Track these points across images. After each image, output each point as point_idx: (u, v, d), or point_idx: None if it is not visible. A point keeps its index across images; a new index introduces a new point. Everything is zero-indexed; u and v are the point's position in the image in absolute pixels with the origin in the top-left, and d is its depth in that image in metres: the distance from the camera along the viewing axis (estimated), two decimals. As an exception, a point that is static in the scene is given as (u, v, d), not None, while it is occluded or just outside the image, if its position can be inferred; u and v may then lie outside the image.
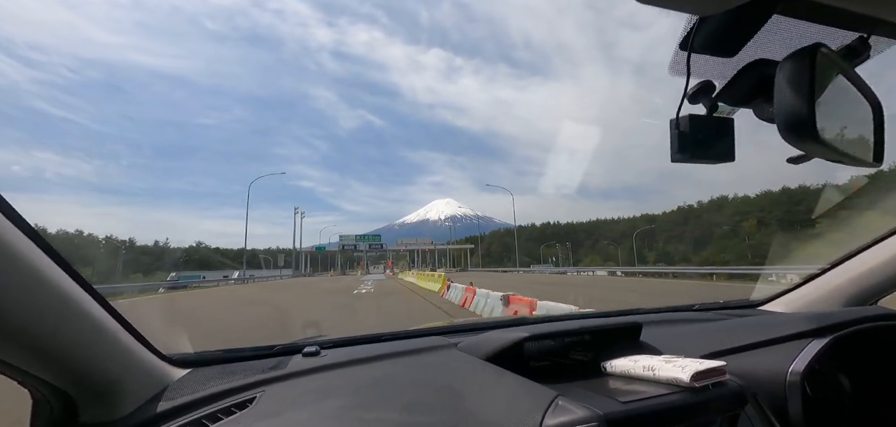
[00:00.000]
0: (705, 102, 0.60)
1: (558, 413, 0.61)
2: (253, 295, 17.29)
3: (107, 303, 0.67)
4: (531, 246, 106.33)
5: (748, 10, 0.41)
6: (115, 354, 0.68)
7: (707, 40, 0.54)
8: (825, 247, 4.79)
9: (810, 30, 0.54)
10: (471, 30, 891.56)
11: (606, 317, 1.34)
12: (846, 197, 1.82)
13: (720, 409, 0.68)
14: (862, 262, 1.14)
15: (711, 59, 0.57)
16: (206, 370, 0.87)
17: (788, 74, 0.47)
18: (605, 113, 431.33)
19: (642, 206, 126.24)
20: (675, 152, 0.59)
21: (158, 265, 63.12)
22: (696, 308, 1.49)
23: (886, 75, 0.64)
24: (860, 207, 1.72)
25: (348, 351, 0.99)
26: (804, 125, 0.46)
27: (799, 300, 1.29)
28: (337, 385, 0.82)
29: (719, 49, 0.55)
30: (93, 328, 0.63)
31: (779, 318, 1.13)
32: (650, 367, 0.73)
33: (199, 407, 0.74)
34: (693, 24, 0.53)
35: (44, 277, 0.58)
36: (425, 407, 0.71)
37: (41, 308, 0.58)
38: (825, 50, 0.48)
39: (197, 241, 66.90)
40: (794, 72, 0.47)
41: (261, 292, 19.29)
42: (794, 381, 0.80)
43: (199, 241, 73.73)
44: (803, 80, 0.46)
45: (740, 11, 0.41)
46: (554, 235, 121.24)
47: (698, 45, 0.54)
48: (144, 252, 78.72)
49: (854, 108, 0.58)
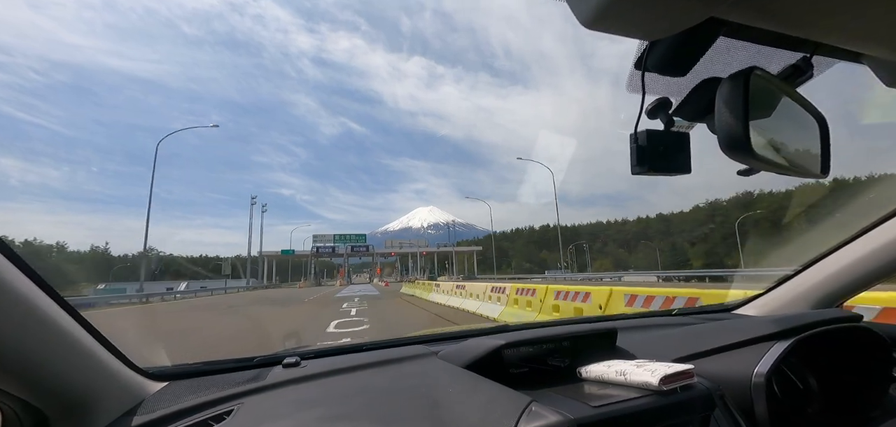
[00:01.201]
0: (662, 118, 0.65)
1: (532, 418, 0.63)
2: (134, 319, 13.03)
3: (78, 314, 0.69)
4: (531, 250, 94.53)
5: (694, 33, 0.45)
6: (88, 368, 0.70)
7: (658, 61, 0.58)
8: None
9: (754, 50, 0.59)
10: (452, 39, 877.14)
11: (585, 323, 1.42)
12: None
13: (688, 412, 0.73)
14: (829, 266, 1.24)
15: (665, 78, 0.61)
16: (184, 383, 0.90)
17: (725, 96, 0.52)
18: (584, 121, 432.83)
19: (621, 212, 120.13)
20: (634, 165, 0.63)
21: (94, 276, 56.01)
22: (675, 313, 1.57)
23: (830, 91, 0.73)
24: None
25: (329, 361, 1.02)
26: (740, 142, 0.51)
27: (770, 303, 1.39)
28: (316, 396, 0.85)
29: (670, 69, 0.59)
30: (63, 341, 0.64)
31: (748, 321, 1.20)
32: (622, 371, 0.78)
33: (174, 420, 0.76)
34: (645, 47, 0.57)
35: (9, 288, 0.56)
36: (403, 416, 0.75)
37: (7, 320, 0.55)
38: (759, 72, 0.53)
39: (148, 247, 53.22)
40: (730, 93, 0.52)
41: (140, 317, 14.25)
42: (758, 382, 0.86)
43: (152, 247, 58.27)
44: (738, 100, 0.51)
45: (687, 34, 0.45)
46: (555, 239, 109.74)
47: (651, 65, 0.58)
48: (73, 259, 62.29)
49: (798, 124, 0.64)
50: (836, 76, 0.66)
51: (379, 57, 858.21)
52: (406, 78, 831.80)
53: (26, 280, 0.58)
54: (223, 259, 49.28)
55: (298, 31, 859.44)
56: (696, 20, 0.40)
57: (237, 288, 43.36)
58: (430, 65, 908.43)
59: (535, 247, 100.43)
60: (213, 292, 34.53)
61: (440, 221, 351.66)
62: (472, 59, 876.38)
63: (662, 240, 74.16)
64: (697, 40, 0.54)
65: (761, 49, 0.58)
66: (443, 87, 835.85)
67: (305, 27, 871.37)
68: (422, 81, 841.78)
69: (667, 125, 0.66)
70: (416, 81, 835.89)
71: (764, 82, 0.55)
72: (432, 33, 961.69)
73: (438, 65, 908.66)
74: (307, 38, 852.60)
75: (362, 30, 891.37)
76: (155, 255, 54.48)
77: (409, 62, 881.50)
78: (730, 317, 1.43)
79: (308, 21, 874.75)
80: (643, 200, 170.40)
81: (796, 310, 1.30)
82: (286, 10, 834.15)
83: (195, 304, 20.98)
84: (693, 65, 0.58)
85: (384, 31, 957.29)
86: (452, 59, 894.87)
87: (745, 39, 0.56)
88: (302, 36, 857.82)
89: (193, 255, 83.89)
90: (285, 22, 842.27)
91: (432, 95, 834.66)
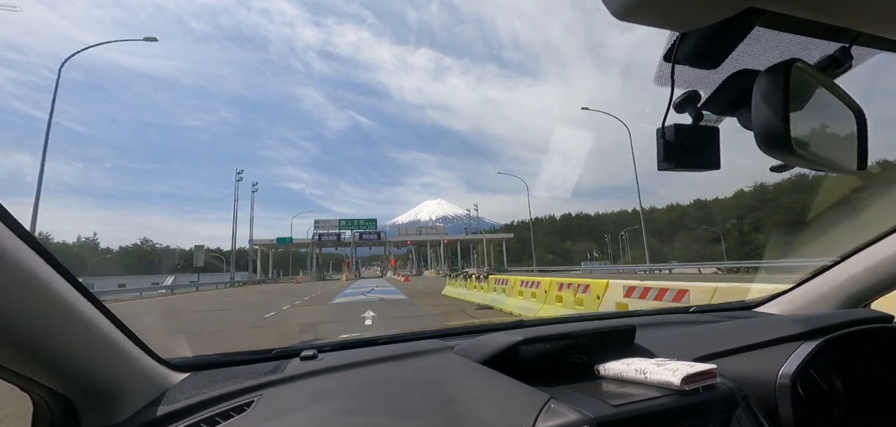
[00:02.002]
0: (691, 112, 0.65)
1: (550, 416, 0.64)
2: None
3: (104, 307, 0.73)
4: (553, 240, 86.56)
5: (729, 24, 0.43)
6: (114, 358, 0.74)
7: (690, 53, 0.56)
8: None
9: (792, 41, 0.58)
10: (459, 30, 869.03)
11: (602, 319, 1.43)
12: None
13: (710, 412, 0.73)
14: (857, 264, 1.22)
15: (695, 71, 0.60)
16: (205, 374, 0.94)
17: (763, 90, 0.51)
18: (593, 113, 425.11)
19: (621, 206, 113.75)
20: (661, 161, 0.62)
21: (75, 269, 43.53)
22: (693, 310, 1.56)
23: (868, 83, 0.70)
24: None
25: (345, 354, 1.06)
26: (779, 138, 0.50)
27: (794, 302, 1.37)
28: (333, 388, 0.89)
29: (702, 61, 0.58)
30: (90, 332, 0.68)
31: (772, 320, 1.19)
32: (642, 370, 0.78)
33: (197, 411, 0.80)
34: (676, 39, 0.56)
35: (40, 281, 0.59)
36: (419, 410, 0.78)
37: (38, 312, 0.59)
38: (800, 64, 0.52)
39: (142, 239, 46.39)
40: (768, 87, 0.50)
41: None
42: (784, 383, 0.86)
43: (146, 238, 51.38)
44: (777, 94, 0.49)
45: (721, 25, 0.43)
46: (579, 229, 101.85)
47: (681, 57, 0.57)
48: (58, 250, 55.55)
49: (835, 117, 0.63)
50: (875, 66, 0.63)
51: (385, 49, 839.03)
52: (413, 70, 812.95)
53: (52, 271, 0.61)
54: (197, 248, 41.71)
55: (304, 25, 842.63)
56: (734, 10, 0.39)
57: (215, 284, 38.29)
58: (436, 57, 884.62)
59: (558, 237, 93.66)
60: (173, 291, 29.04)
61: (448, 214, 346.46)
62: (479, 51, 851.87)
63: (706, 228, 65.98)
64: (732, 31, 0.52)
65: (796, 38, 0.56)
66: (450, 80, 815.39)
67: (311, 20, 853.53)
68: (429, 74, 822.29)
69: (695, 119, 0.64)
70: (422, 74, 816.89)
71: (803, 75, 0.53)
72: (439, 25, 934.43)
73: (445, 57, 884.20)
74: (313, 31, 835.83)
75: (368, 22, 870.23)
76: (150, 248, 48.19)
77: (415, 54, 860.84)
78: (752, 315, 1.41)
79: (314, 14, 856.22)
80: (654, 193, 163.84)
81: (823, 309, 1.28)
82: (292, 4, 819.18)
83: (118, 308, 14.79)
84: (726, 56, 0.56)
85: (390, 23, 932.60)
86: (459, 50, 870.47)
87: (782, 29, 0.54)
88: (308, 29, 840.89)
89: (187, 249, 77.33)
90: (291, 15, 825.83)
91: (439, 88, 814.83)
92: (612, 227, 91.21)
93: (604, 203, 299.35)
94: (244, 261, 47.11)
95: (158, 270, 50.50)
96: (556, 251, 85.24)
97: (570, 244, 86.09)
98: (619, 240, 75.41)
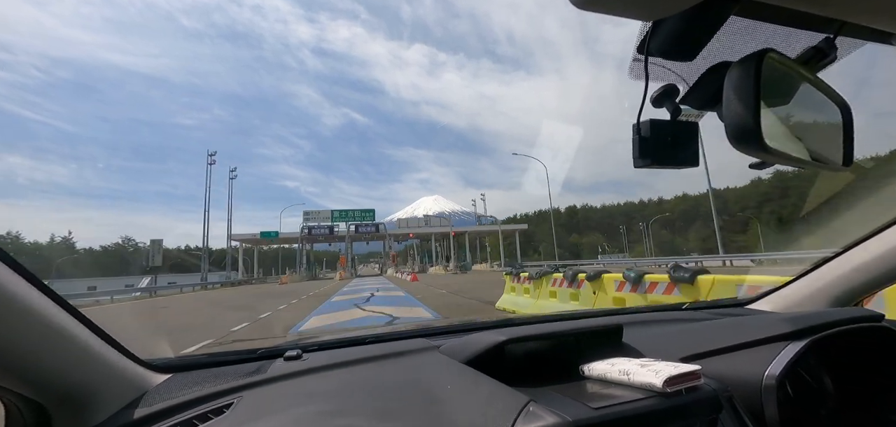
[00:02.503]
0: (668, 106, 0.62)
1: (529, 419, 0.64)
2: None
3: (73, 308, 0.73)
4: (560, 233, 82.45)
5: (702, 11, 0.41)
6: (86, 361, 0.74)
7: (663, 44, 0.54)
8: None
9: (771, 31, 0.56)
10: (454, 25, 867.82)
11: (592, 317, 1.43)
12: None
13: (693, 415, 0.73)
14: (848, 261, 1.22)
15: (672, 63, 0.58)
16: (187, 375, 0.94)
17: (735, 82, 0.48)
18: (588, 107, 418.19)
19: (627, 198, 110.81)
20: (636, 157, 0.60)
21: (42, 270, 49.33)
22: (686, 307, 1.56)
23: (855, 76, 0.73)
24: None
25: (331, 354, 1.06)
26: (749, 133, 0.47)
27: (787, 299, 1.37)
28: (315, 389, 0.90)
29: (677, 53, 0.55)
30: (58, 335, 0.68)
31: (761, 319, 1.20)
32: (626, 371, 0.78)
33: (175, 413, 0.80)
34: (648, 29, 0.54)
35: (2, 286, 0.59)
36: (401, 411, 0.79)
37: (1, 317, 0.59)
38: (774, 55, 0.49)
39: (124, 237, 40.79)
40: (739, 79, 0.48)
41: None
42: (769, 384, 0.86)
43: (128, 236, 45.50)
44: (749, 87, 0.47)
45: (694, 13, 0.41)
46: (586, 222, 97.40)
47: (655, 49, 0.55)
48: (26, 251, 50.72)
49: (816, 111, 0.60)
50: (860, 59, 0.61)
51: (379, 45, 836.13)
52: (407, 66, 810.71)
53: (16, 276, 0.60)
54: (154, 242, 35.66)
55: (298, 21, 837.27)
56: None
57: (180, 287, 33.53)
58: (431, 52, 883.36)
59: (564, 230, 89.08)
60: (113, 298, 23.72)
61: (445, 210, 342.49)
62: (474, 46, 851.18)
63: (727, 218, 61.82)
64: (706, 20, 0.49)
65: (779, 29, 0.53)
66: (445, 75, 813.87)
67: (305, 17, 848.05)
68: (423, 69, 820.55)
69: (673, 114, 0.61)
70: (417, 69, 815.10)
71: (780, 66, 0.50)
72: (433, 20, 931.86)
73: (440, 52, 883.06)
74: (307, 27, 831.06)
75: (362, 18, 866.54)
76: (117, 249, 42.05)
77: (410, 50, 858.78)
78: (743, 313, 1.41)
79: (307, 10, 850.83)
80: (649, 186, 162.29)
81: (814, 306, 1.28)
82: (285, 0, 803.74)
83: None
84: (701, 48, 0.53)
85: (384, 18, 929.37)
86: (454, 46, 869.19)
87: (762, 19, 0.51)
88: (301, 26, 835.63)
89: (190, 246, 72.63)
90: (284, 12, 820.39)
91: (434, 84, 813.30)
92: (620, 219, 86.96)
93: (599, 197, 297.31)
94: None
95: (129, 271, 44.92)
96: (563, 245, 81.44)
97: (577, 237, 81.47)
98: (624, 232, 70.81)
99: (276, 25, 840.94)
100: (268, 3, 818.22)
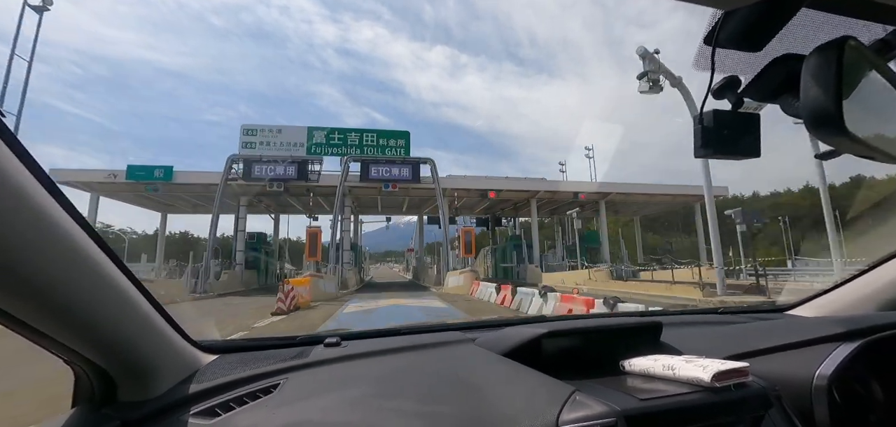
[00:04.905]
0: (730, 97, 0.63)
1: (575, 408, 0.64)
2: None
3: (143, 287, 0.78)
4: (627, 232, 77.77)
5: (775, 3, 0.42)
6: (152, 337, 0.80)
7: (732, 35, 0.55)
8: None
9: (841, 23, 0.56)
10: (476, 27, 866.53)
11: (627, 317, 1.40)
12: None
13: (742, 410, 0.73)
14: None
15: (737, 54, 0.59)
16: (233, 357, 0.99)
17: (814, 69, 0.48)
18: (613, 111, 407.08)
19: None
20: (698, 147, 0.61)
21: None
22: (721, 311, 1.53)
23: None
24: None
25: (368, 343, 1.10)
26: (831, 120, 0.47)
27: (829, 305, 1.31)
28: (357, 374, 0.93)
29: (745, 44, 0.56)
30: (131, 311, 0.74)
31: (806, 321, 1.17)
32: (670, 366, 0.78)
33: (227, 390, 0.85)
34: (718, 19, 0.55)
35: (85, 259, 0.63)
36: (443, 397, 0.80)
37: (82, 287, 0.63)
38: (854, 43, 0.49)
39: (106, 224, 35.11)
40: (820, 66, 0.48)
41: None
42: (820, 385, 0.84)
43: (108, 223, 41.37)
44: (830, 74, 0.47)
45: (767, 5, 0.42)
46: (656, 220, 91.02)
47: (723, 39, 0.56)
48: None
49: (888, 103, 0.59)
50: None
51: (402, 46, 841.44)
52: (429, 68, 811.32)
53: (99, 251, 0.65)
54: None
55: (322, 21, 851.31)
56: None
57: None
58: (453, 54, 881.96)
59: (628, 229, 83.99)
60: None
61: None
62: (495, 48, 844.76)
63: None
64: (779, 11, 0.49)
65: (846, 21, 0.53)
66: (466, 77, 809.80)
67: (329, 17, 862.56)
68: (445, 71, 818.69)
69: (734, 105, 0.62)
70: (438, 71, 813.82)
71: (857, 55, 0.50)
72: (455, 22, 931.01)
73: (462, 54, 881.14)
74: (331, 27, 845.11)
75: (385, 19, 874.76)
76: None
77: (431, 51, 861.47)
78: (783, 317, 1.36)
79: (332, 11, 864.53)
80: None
81: (862, 311, 1.21)
82: (311, 1, 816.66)
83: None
84: (770, 38, 0.54)
85: (407, 19, 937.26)
86: (476, 48, 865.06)
87: (831, 10, 0.52)
88: (326, 26, 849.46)
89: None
90: (310, 12, 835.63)
91: (455, 86, 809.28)
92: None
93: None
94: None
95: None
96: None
97: (655, 238, 62.87)
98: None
99: (302, 25, 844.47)
100: (294, 3, 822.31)
